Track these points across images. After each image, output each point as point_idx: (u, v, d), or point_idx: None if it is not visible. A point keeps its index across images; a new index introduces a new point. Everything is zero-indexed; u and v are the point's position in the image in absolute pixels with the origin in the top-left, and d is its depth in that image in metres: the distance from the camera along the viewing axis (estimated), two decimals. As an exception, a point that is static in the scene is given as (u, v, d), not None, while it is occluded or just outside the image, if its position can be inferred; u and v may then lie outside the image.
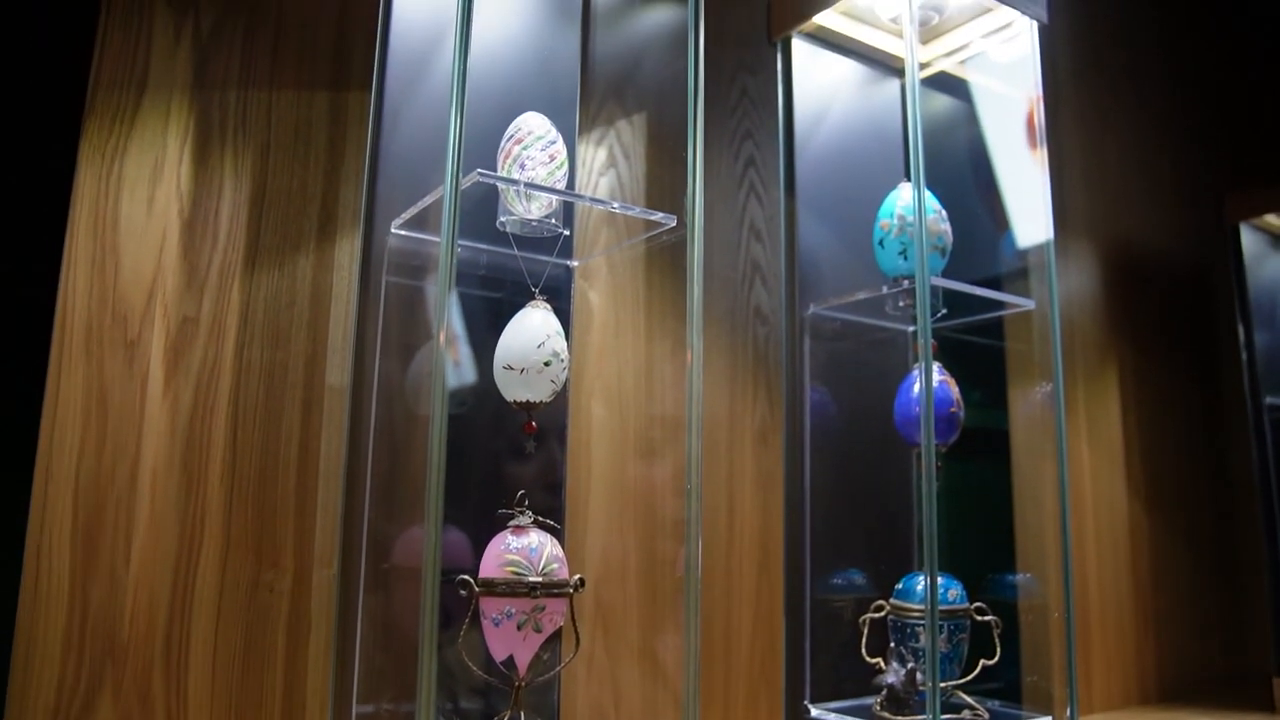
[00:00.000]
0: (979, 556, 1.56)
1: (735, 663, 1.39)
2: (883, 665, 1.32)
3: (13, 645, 0.94)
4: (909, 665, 1.28)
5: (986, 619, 1.29)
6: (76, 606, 0.97)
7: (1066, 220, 1.89)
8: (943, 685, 1.25)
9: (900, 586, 1.34)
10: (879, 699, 1.30)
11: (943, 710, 1.21)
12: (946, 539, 1.29)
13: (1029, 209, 1.46)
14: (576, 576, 1.02)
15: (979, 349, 1.56)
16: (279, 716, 1.06)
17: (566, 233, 1.17)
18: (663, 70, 1.37)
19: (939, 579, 1.23)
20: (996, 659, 1.28)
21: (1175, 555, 2.03)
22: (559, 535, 1.06)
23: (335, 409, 1.13)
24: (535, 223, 1.11)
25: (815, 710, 1.37)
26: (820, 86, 1.56)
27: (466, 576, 0.98)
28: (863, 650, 1.34)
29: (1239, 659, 2.12)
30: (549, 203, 1.10)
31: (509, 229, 1.12)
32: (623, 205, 1.30)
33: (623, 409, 1.33)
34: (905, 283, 1.34)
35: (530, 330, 1.05)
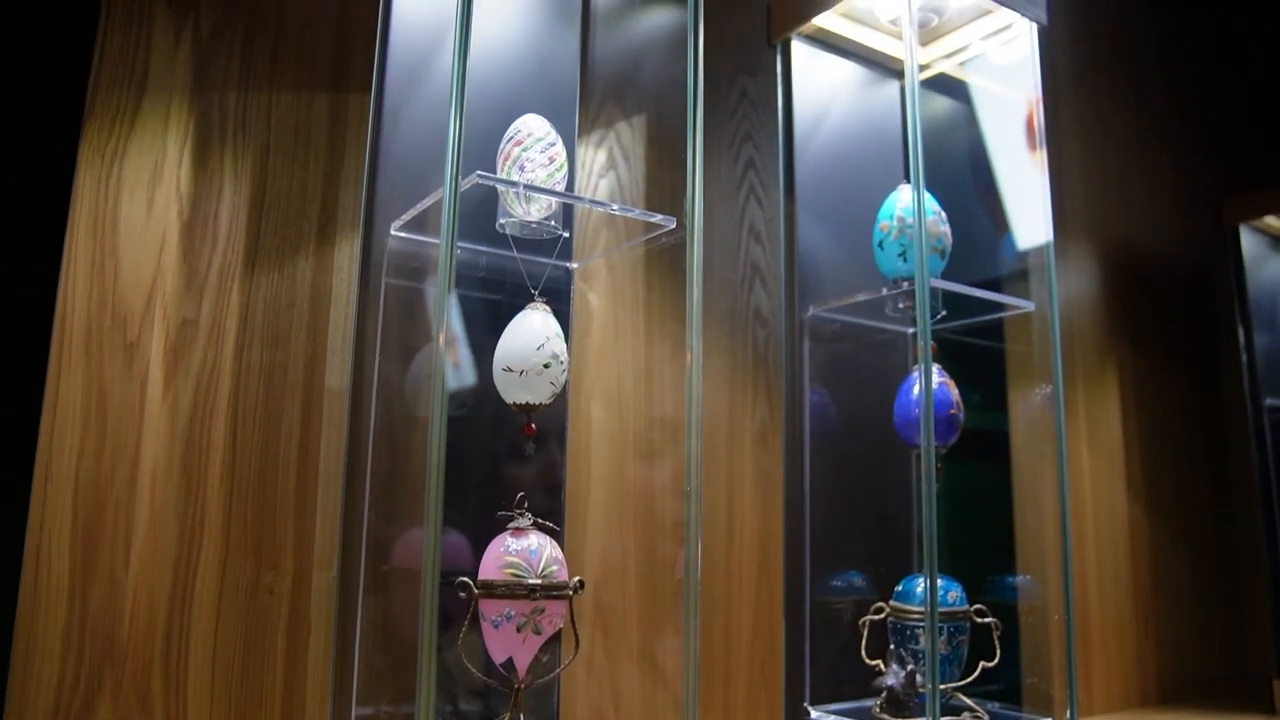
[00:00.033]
0: (979, 558, 1.56)
1: (735, 664, 1.39)
2: (882, 667, 1.32)
3: (12, 646, 0.94)
4: (909, 667, 1.28)
5: (986, 621, 1.29)
6: (76, 607, 0.97)
7: (1066, 222, 1.89)
8: (942, 687, 1.25)
9: (900, 588, 1.34)
10: (879, 701, 1.30)
11: (942, 712, 1.21)
12: (946, 541, 1.29)
13: (1028, 211, 1.46)
14: (576, 579, 1.02)
15: (979, 351, 1.56)
16: (278, 718, 1.06)
17: (566, 235, 1.17)
18: (662, 72, 1.38)
19: (939, 581, 1.23)
20: (996, 661, 1.28)
21: (1175, 557, 2.03)
22: (558, 537, 1.06)
23: (335, 411, 1.13)
24: (535, 225, 1.11)
25: (815, 712, 1.37)
26: (820, 88, 1.56)
27: (466, 578, 0.98)
28: (862, 652, 1.34)
29: (1239, 661, 2.12)
30: (548, 205, 1.10)
31: (508, 231, 1.12)
32: (622, 207, 1.30)
33: (622, 411, 1.33)
34: (905, 284, 1.34)
35: (530, 332, 1.05)
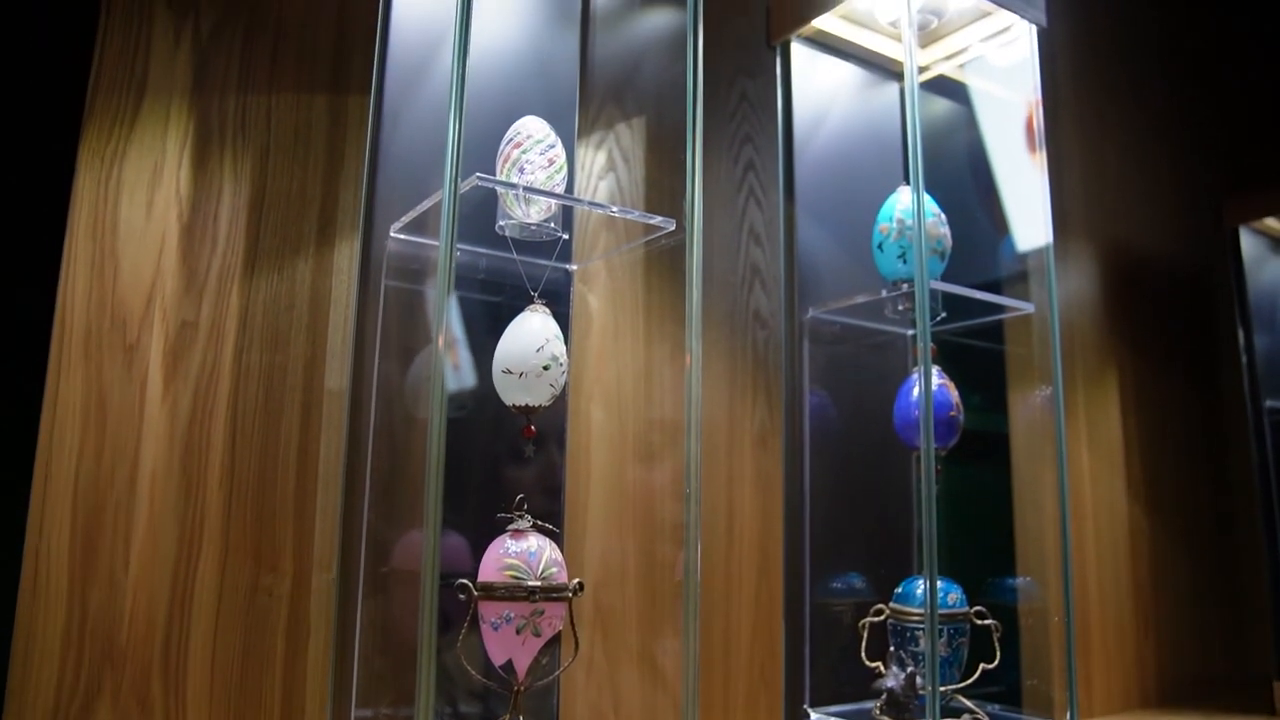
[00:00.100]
0: (979, 560, 1.56)
1: (735, 666, 1.39)
2: (882, 669, 1.31)
3: (11, 648, 0.94)
4: (909, 669, 1.28)
5: (986, 623, 1.29)
6: (75, 610, 0.97)
7: (1066, 223, 1.89)
8: (942, 689, 1.24)
9: (900, 590, 1.34)
10: (879, 703, 1.30)
11: (942, 714, 1.21)
12: (946, 543, 1.29)
13: (1028, 212, 1.46)
14: (575, 580, 1.02)
15: (978, 352, 1.56)
16: (278, 721, 1.06)
17: (565, 236, 1.17)
18: (662, 74, 1.38)
19: (939, 583, 1.23)
20: (996, 663, 1.28)
21: (1175, 558, 2.02)
22: (558, 539, 1.06)
23: (334, 412, 1.13)
24: (534, 226, 1.11)
25: (815, 714, 1.37)
26: (819, 90, 1.56)
27: (465, 580, 0.98)
28: (862, 654, 1.34)
29: (1239, 662, 2.12)
30: (548, 207, 1.10)
31: (508, 233, 1.12)
32: (621, 209, 1.30)
33: (622, 413, 1.33)
34: (904, 286, 1.34)
35: (529, 334, 1.05)
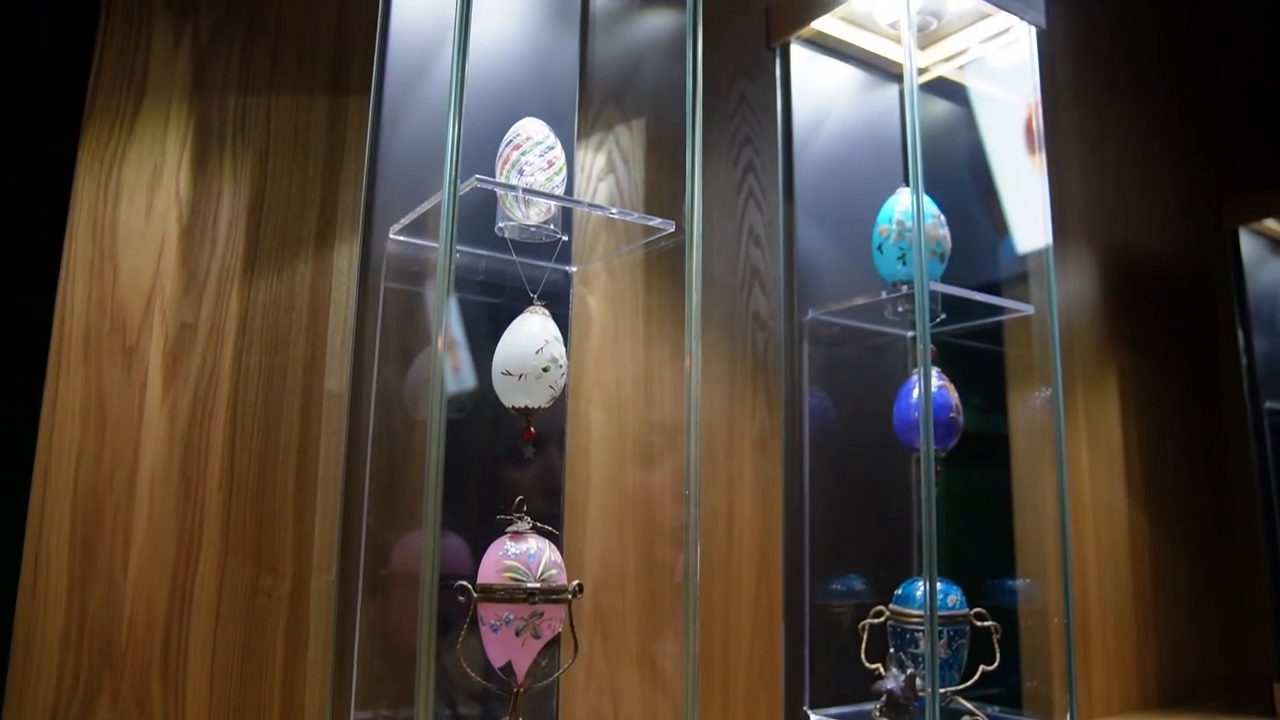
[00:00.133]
0: (979, 562, 1.56)
1: (734, 668, 1.39)
2: (882, 671, 1.31)
3: (10, 650, 0.94)
4: (908, 671, 1.28)
5: (986, 624, 1.29)
6: (74, 612, 0.97)
7: (1065, 225, 1.90)
8: (942, 691, 1.24)
9: (900, 592, 1.34)
10: (878, 705, 1.30)
11: (942, 716, 1.21)
12: (946, 544, 1.29)
13: (1028, 214, 1.46)
14: (575, 582, 1.02)
15: (978, 354, 1.56)
16: (277, 723, 1.06)
17: (565, 238, 1.17)
18: (661, 76, 1.38)
19: (938, 584, 1.22)
20: (996, 664, 1.28)
21: (1175, 560, 2.02)
22: (557, 541, 1.06)
23: (334, 414, 1.13)
24: (534, 228, 1.11)
25: (815, 716, 1.37)
26: (819, 92, 1.56)
27: (465, 582, 0.98)
28: (862, 656, 1.34)
29: (1239, 663, 2.12)
30: (547, 208, 1.10)
31: (507, 234, 1.12)
32: (621, 211, 1.30)
33: (621, 414, 1.33)
34: (904, 288, 1.34)
35: (528, 336, 1.05)
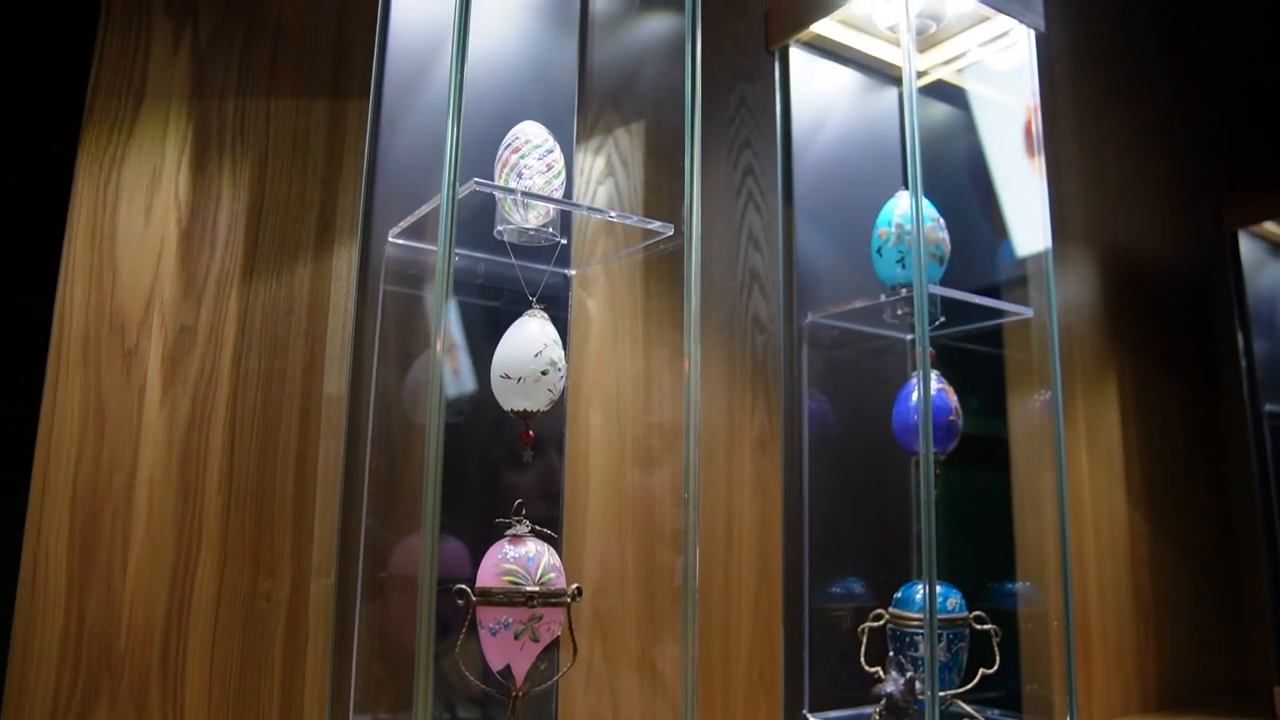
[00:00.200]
0: (978, 565, 1.56)
1: (734, 671, 1.38)
2: (882, 674, 1.31)
3: (9, 655, 0.94)
4: (908, 674, 1.28)
5: (986, 627, 1.29)
6: (73, 616, 0.97)
7: (1065, 228, 1.90)
8: (942, 694, 1.24)
9: (899, 595, 1.34)
10: (878, 708, 1.30)
11: (942, 719, 1.21)
12: (945, 547, 1.29)
13: (1027, 217, 1.46)
14: (574, 586, 1.02)
15: (977, 357, 1.56)
16: (276, 726, 1.06)
17: (564, 241, 1.17)
18: (661, 79, 1.38)
19: (938, 587, 1.22)
20: (996, 667, 1.28)
21: (1175, 562, 2.02)
22: (556, 544, 1.06)
23: (333, 418, 1.13)
24: (533, 231, 1.11)
25: (814, 719, 1.36)
26: (818, 95, 1.56)
27: (463, 586, 0.98)
28: (861, 659, 1.34)
29: (1239, 666, 2.12)
30: (546, 211, 1.10)
31: (506, 238, 1.12)
32: (620, 214, 1.30)
33: (620, 418, 1.33)
34: (903, 291, 1.34)
35: (527, 339, 1.05)
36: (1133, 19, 2.26)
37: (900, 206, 1.36)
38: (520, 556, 1.00)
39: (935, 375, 1.33)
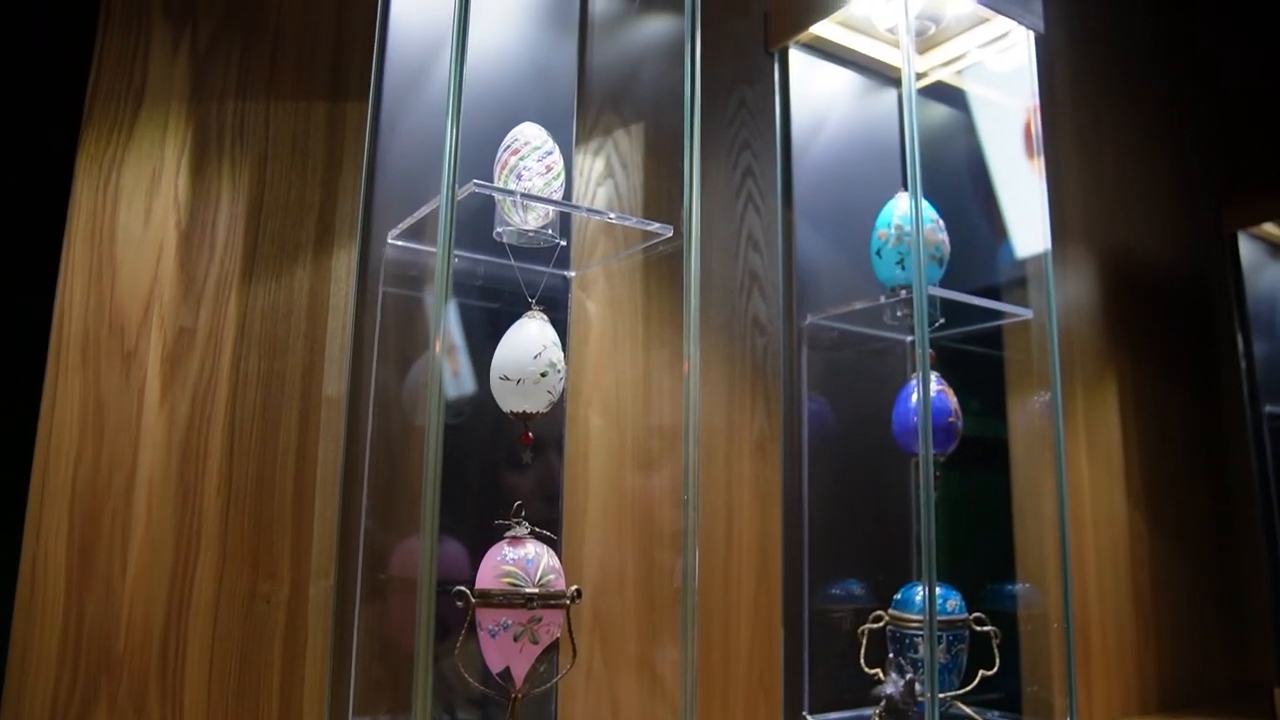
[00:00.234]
0: (978, 566, 1.56)
1: (734, 673, 1.38)
2: (881, 676, 1.31)
3: (7, 657, 0.94)
4: (908, 676, 1.27)
5: (985, 629, 1.29)
6: (72, 618, 0.97)
7: (1064, 229, 1.90)
8: (942, 696, 1.24)
9: (899, 597, 1.34)
10: (878, 710, 1.30)
11: (942, 721, 1.21)
12: (945, 549, 1.29)
13: (1027, 218, 1.46)
14: (574, 588, 1.02)
15: (977, 358, 1.56)
16: (275, 728, 1.06)
17: (563, 243, 1.17)
18: (660, 80, 1.38)
19: (938, 589, 1.22)
20: (995, 669, 1.28)
21: (1175, 564, 2.02)
22: (556, 546, 1.06)
23: (332, 420, 1.13)
24: (532, 233, 1.11)
25: (814, 721, 1.37)
26: (818, 97, 1.56)
27: (463, 588, 0.98)
28: (861, 661, 1.34)
29: (1239, 667, 2.12)
30: (545, 213, 1.10)
31: (506, 239, 1.12)
32: (619, 215, 1.30)
33: (620, 419, 1.33)
34: (903, 292, 1.34)
35: (527, 341, 1.05)
36: (1132, 20, 2.26)
37: (900, 208, 1.36)
38: (519, 558, 1.00)
39: (935, 377, 1.33)
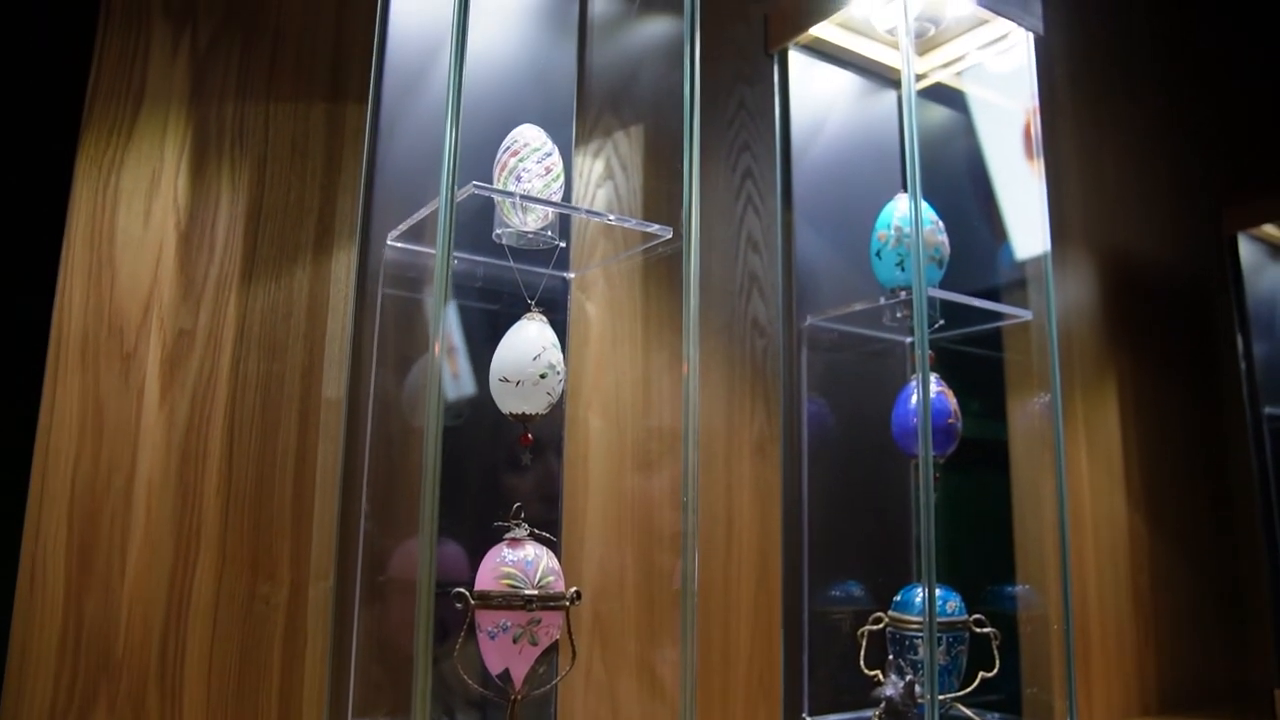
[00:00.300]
0: (978, 568, 1.55)
1: (733, 675, 1.38)
2: (881, 678, 1.31)
3: (7, 658, 0.94)
4: (908, 677, 1.27)
5: (985, 631, 1.29)
6: (71, 620, 0.97)
7: (1064, 231, 1.90)
8: (942, 698, 1.24)
9: (899, 598, 1.34)
10: (878, 711, 1.30)
11: (941, 723, 1.21)
12: (945, 550, 1.29)
13: (1026, 220, 1.46)
14: (573, 589, 1.02)
15: (977, 360, 1.56)
16: (274, 730, 1.06)
17: (563, 244, 1.17)
18: (660, 82, 1.38)
19: (937, 591, 1.22)
20: (995, 671, 1.28)
21: (1175, 565, 2.02)
22: (555, 548, 1.06)
23: (331, 421, 1.13)
24: (531, 234, 1.11)
25: (813, 723, 1.36)
26: (817, 98, 1.56)
27: (462, 589, 0.98)
28: (861, 662, 1.34)
29: (1239, 669, 2.12)
30: (545, 214, 1.10)
31: (505, 241, 1.12)
32: (619, 217, 1.30)
33: (620, 421, 1.33)
34: (903, 294, 1.34)
35: (526, 342, 1.05)
36: (1131, 21, 2.26)
37: (899, 209, 1.36)
38: (519, 560, 0.99)
39: (935, 378, 1.32)
